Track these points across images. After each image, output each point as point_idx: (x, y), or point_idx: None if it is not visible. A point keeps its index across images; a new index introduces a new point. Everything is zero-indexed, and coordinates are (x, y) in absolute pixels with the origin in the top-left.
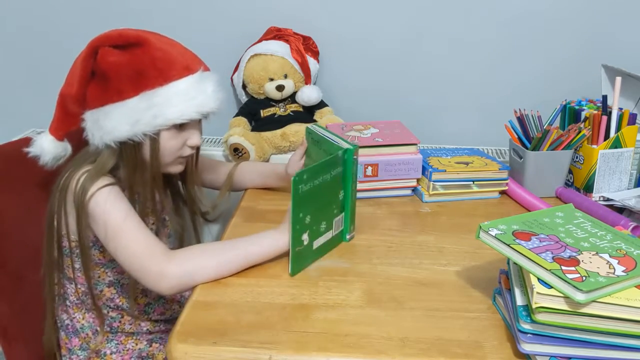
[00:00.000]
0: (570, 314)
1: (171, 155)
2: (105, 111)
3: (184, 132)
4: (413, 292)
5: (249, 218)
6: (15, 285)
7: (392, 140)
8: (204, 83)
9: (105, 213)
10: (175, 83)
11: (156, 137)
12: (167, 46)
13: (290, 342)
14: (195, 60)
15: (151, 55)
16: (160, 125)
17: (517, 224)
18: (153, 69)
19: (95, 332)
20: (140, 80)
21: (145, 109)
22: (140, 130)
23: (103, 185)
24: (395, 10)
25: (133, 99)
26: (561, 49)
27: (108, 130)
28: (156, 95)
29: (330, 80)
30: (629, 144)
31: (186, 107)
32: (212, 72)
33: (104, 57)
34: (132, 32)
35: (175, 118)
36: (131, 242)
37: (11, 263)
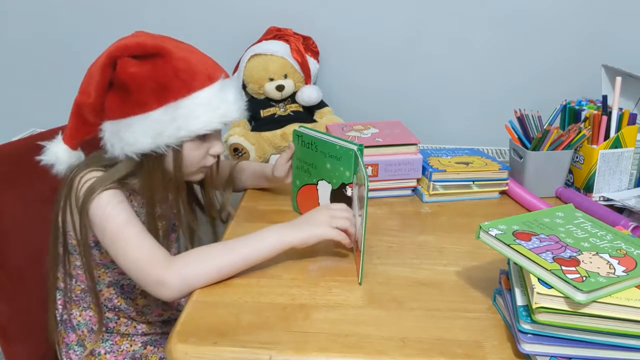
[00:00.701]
0: (571, 314)
1: (195, 165)
2: (127, 123)
3: (207, 142)
4: (413, 292)
5: (248, 218)
6: (15, 285)
7: (392, 140)
8: (225, 91)
9: (105, 217)
10: (198, 93)
11: (179, 149)
12: (187, 54)
13: (290, 342)
14: (216, 67)
15: (173, 66)
16: (184, 137)
17: (517, 224)
18: (176, 80)
19: (91, 330)
20: (163, 92)
21: (169, 121)
22: (163, 142)
23: (106, 188)
24: (395, 10)
25: (156, 111)
26: (561, 49)
27: (130, 142)
28: (180, 107)
29: (330, 80)
30: (629, 144)
31: (210, 118)
32: (231, 78)
33: (124, 68)
34: (151, 41)
35: (199, 129)
36: (131, 248)
37: (11, 263)
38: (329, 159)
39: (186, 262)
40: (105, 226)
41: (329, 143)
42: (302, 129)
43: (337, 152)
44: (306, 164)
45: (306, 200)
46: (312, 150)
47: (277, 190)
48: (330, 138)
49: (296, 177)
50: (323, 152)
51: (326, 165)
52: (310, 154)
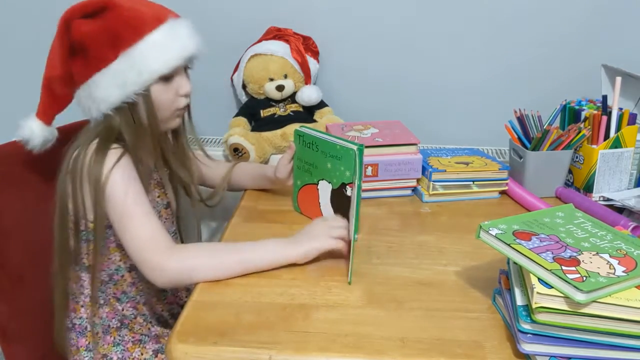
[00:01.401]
0: (571, 314)
1: (167, 109)
2: (94, 81)
3: (173, 83)
4: (413, 292)
5: (248, 218)
6: (15, 285)
7: (392, 140)
8: (177, 29)
9: (120, 194)
10: (149, 36)
11: (148, 94)
12: (132, 3)
13: (290, 342)
14: (163, 9)
15: (121, 15)
16: (148, 81)
17: (517, 224)
18: (126, 28)
19: (107, 328)
20: (116, 42)
21: (128, 68)
22: (130, 90)
23: (116, 161)
24: (395, 10)
25: (115, 62)
26: (561, 49)
27: (101, 99)
28: (135, 52)
29: (330, 80)
30: (629, 144)
31: (166, 56)
32: (182, 18)
33: (77, 29)
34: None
35: (160, 69)
36: (139, 228)
37: (11, 263)
38: (330, 159)
39: (188, 254)
40: (119, 202)
41: (330, 143)
42: (303, 129)
43: (337, 152)
44: (307, 164)
45: (307, 199)
46: (313, 150)
47: (276, 190)
48: (331, 138)
49: (297, 176)
50: (324, 152)
51: (327, 165)
52: (311, 154)
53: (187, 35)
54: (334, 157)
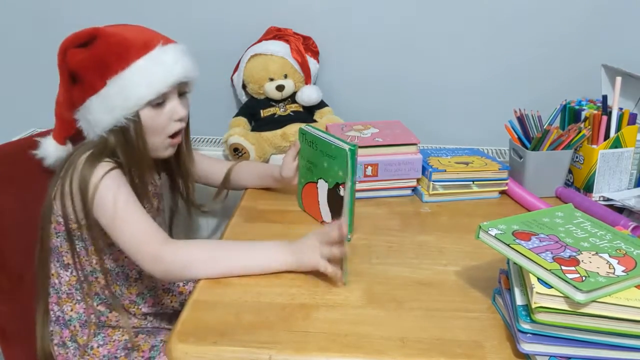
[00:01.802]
0: (570, 313)
1: (159, 135)
2: (87, 106)
3: (165, 108)
4: (413, 292)
5: (248, 218)
6: (14, 285)
7: (392, 140)
8: (164, 55)
9: (109, 199)
10: (135, 63)
11: (137, 119)
12: (121, 31)
13: (290, 342)
14: (153, 37)
15: (107, 43)
16: (135, 106)
17: (517, 224)
18: (112, 55)
19: (84, 323)
20: (104, 69)
21: (116, 94)
22: (119, 115)
23: (107, 171)
24: (395, 10)
25: (104, 88)
26: (561, 48)
27: (94, 123)
28: (121, 79)
29: (330, 80)
30: (629, 144)
31: (151, 82)
32: (176, 43)
33: (72, 58)
34: (87, 29)
35: (145, 95)
36: (132, 225)
37: (11, 263)
38: (326, 158)
39: (185, 246)
40: (110, 207)
41: (326, 142)
42: (306, 127)
43: (332, 152)
44: (309, 162)
45: (309, 198)
46: (313, 149)
47: (277, 189)
48: (328, 137)
49: (301, 174)
50: (322, 151)
51: (324, 164)
52: (312, 152)
53: (173, 61)
54: (330, 157)
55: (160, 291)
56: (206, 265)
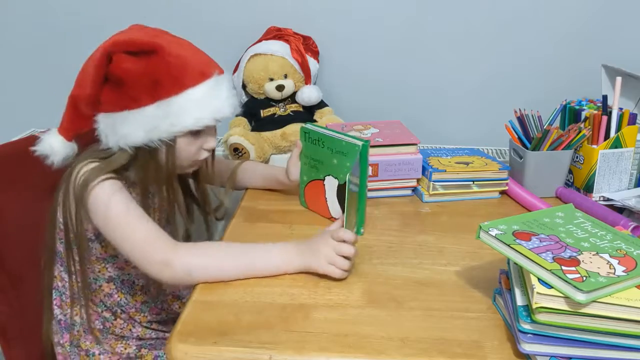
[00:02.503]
0: (571, 314)
1: (188, 160)
2: (122, 117)
3: (200, 137)
4: (413, 292)
5: (249, 218)
6: (15, 285)
7: (392, 140)
8: (218, 88)
9: (106, 205)
10: (190, 90)
11: (172, 144)
12: (181, 51)
13: (290, 342)
14: (210, 64)
15: (166, 62)
16: (177, 133)
17: (517, 224)
18: (168, 77)
19: (87, 329)
20: (156, 89)
21: (161, 117)
22: (156, 136)
23: (104, 179)
24: (395, 10)
25: (149, 106)
26: (561, 48)
27: (123, 135)
28: (172, 103)
29: (330, 80)
30: (629, 144)
31: (202, 114)
32: (226, 74)
33: (118, 64)
34: (145, 39)
35: (191, 125)
36: (135, 231)
37: (11, 263)
38: (336, 155)
39: (194, 250)
40: (108, 214)
41: (336, 139)
42: (309, 126)
43: (343, 148)
44: (313, 160)
45: (314, 195)
46: (319, 147)
47: (277, 190)
48: (337, 134)
49: (303, 173)
50: (330, 149)
51: (333, 161)
52: (317, 151)
53: (226, 97)
54: (340, 153)
55: (169, 297)
56: (214, 270)
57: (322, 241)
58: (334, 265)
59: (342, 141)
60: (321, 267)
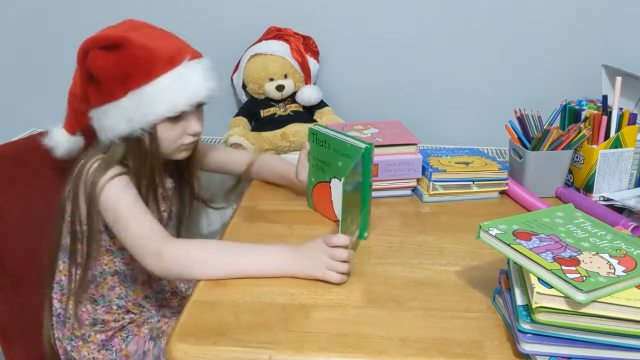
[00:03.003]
0: (571, 313)
1: (172, 145)
2: (103, 111)
3: (181, 121)
4: (413, 292)
5: (249, 218)
6: (15, 285)
7: (392, 140)
8: (190, 73)
9: (115, 201)
10: (159, 79)
11: (153, 132)
12: (149, 42)
13: (290, 342)
14: (181, 50)
15: (133, 54)
16: (153, 121)
17: (517, 224)
18: (136, 68)
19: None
20: (126, 81)
21: (135, 107)
22: (135, 126)
23: (113, 176)
24: (395, 10)
25: (123, 98)
26: (561, 48)
27: (109, 128)
28: (143, 93)
29: (330, 80)
30: (629, 144)
31: (174, 101)
32: (203, 58)
33: (93, 60)
34: (114, 33)
35: (165, 113)
36: (136, 224)
37: (11, 263)
38: (341, 157)
39: (187, 244)
40: (116, 209)
41: (341, 141)
42: (317, 127)
43: (348, 150)
44: (320, 162)
45: (321, 197)
46: (325, 149)
47: (277, 190)
48: (342, 136)
49: (311, 174)
50: (335, 150)
51: (338, 163)
52: (324, 152)
53: (199, 81)
54: (345, 156)
55: (168, 294)
56: (207, 266)
57: (317, 248)
58: (332, 270)
59: (346, 143)
60: (319, 273)
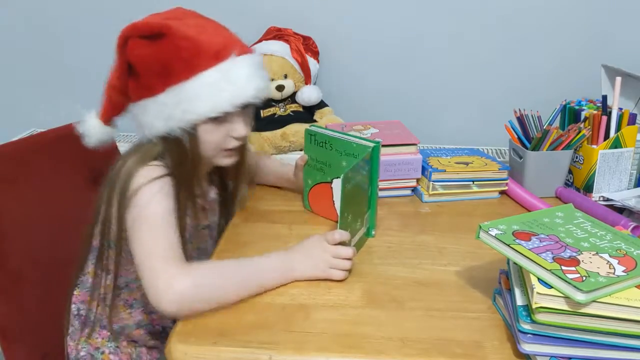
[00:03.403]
0: (571, 314)
1: (214, 149)
2: (141, 105)
3: (226, 123)
4: (413, 292)
5: (249, 218)
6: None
7: (392, 140)
8: (236, 70)
9: (145, 203)
10: (202, 74)
11: (194, 132)
12: (194, 32)
13: (290, 342)
14: (228, 44)
15: (176, 45)
16: (193, 121)
17: (517, 224)
18: (178, 61)
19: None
20: (166, 75)
21: (174, 104)
22: (174, 125)
23: (156, 177)
24: (395, 10)
25: (162, 94)
26: (561, 48)
27: (146, 125)
28: (183, 89)
29: (330, 80)
30: (629, 144)
31: (217, 101)
32: (253, 54)
33: (132, 50)
34: (157, 21)
35: (206, 113)
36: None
37: (11, 263)
38: (345, 157)
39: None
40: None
41: (345, 141)
42: (314, 128)
43: (354, 150)
44: (320, 163)
45: (319, 198)
46: (326, 149)
47: (277, 190)
48: (345, 136)
49: (308, 175)
50: (338, 151)
51: (342, 163)
52: (324, 153)
53: (245, 79)
54: (351, 155)
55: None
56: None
57: (318, 248)
58: (335, 268)
59: (352, 143)
60: (323, 274)
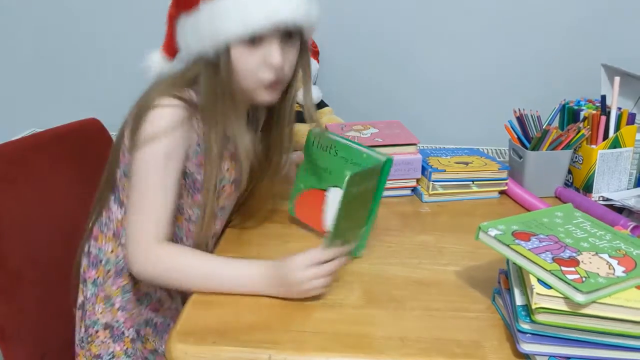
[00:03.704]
0: (570, 314)
1: (250, 78)
2: (181, 25)
3: (261, 48)
4: (413, 292)
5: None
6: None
7: (392, 140)
8: None
9: (152, 139)
10: None
11: (227, 55)
12: None
13: (289, 341)
14: None
15: None
16: (224, 41)
17: (516, 224)
18: None
19: (119, 272)
20: None
21: (207, 22)
22: (206, 45)
23: (172, 105)
24: (395, 10)
25: (198, 9)
26: (561, 48)
27: (182, 46)
28: (215, 5)
29: (330, 80)
30: (628, 144)
31: (245, 19)
32: None
33: None
34: None
35: (238, 31)
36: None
37: (10, 263)
38: (350, 166)
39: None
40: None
41: (355, 149)
42: (322, 131)
43: (362, 161)
44: (317, 167)
45: (308, 205)
46: (329, 154)
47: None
48: (356, 145)
49: (301, 179)
50: (344, 158)
51: (344, 172)
52: (326, 158)
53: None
54: (357, 165)
55: None
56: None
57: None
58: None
59: (362, 153)
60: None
